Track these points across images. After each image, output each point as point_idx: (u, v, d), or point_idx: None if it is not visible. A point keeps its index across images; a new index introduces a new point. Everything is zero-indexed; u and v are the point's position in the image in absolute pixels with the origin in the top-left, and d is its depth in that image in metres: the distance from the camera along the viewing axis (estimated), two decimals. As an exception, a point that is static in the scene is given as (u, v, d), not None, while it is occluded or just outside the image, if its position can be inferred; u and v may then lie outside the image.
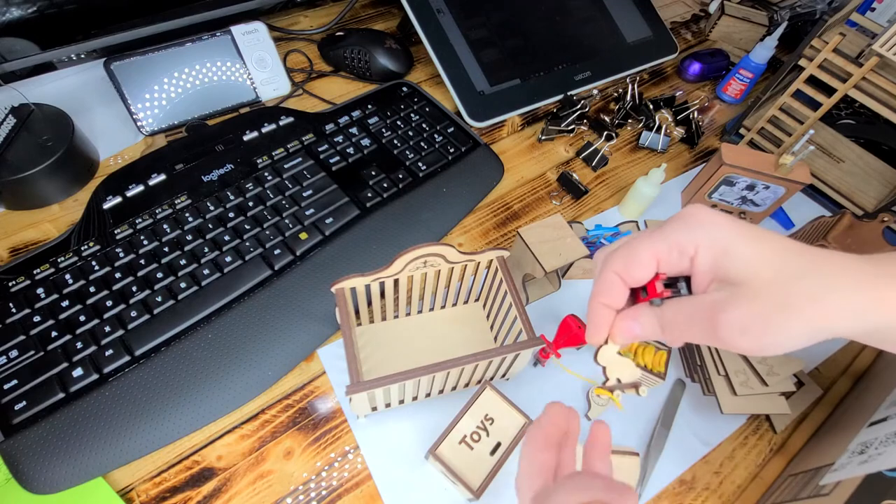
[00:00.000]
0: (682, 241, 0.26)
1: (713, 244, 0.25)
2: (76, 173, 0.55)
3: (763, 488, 0.45)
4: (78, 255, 0.48)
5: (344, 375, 0.45)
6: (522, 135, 0.68)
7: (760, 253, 0.25)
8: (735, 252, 0.25)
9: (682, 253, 0.26)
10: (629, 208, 0.59)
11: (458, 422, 0.40)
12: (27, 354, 0.42)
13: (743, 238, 0.25)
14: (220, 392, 0.43)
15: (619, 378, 0.29)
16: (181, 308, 0.46)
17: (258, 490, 0.41)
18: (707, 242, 0.26)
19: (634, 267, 0.27)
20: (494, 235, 0.58)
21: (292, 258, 0.50)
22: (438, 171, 0.59)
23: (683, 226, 0.26)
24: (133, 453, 0.40)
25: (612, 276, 0.28)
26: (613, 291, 0.28)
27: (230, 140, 0.58)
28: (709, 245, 0.25)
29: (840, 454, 0.39)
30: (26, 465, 0.38)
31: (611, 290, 0.28)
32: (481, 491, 0.38)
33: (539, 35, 0.72)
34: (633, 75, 0.77)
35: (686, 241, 0.26)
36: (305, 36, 0.74)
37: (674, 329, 0.27)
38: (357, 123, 0.62)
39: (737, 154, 0.55)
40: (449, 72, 0.65)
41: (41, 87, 0.61)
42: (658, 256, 0.27)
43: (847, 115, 0.76)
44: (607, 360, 0.29)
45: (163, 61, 0.58)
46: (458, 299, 0.50)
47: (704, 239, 0.26)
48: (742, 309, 0.24)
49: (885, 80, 0.53)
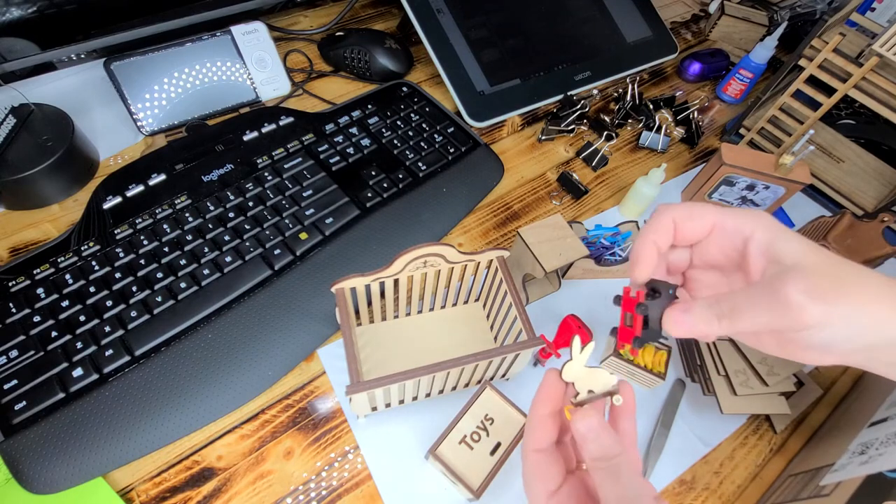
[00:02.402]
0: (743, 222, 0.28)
1: (769, 229, 0.28)
2: (76, 173, 0.55)
3: (763, 488, 0.45)
4: (78, 255, 0.48)
5: (344, 375, 0.45)
6: (522, 135, 0.68)
7: (809, 246, 0.27)
8: (787, 240, 0.27)
9: (739, 231, 0.28)
10: (629, 208, 0.59)
11: (458, 422, 0.40)
12: (27, 354, 0.42)
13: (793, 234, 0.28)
14: (220, 392, 0.43)
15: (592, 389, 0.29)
16: (181, 308, 0.46)
17: (258, 490, 0.41)
18: (764, 227, 0.28)
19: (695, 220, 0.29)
20: (494, 235, 0.58)
21: (292, 258, 0.50)
22: (438, 171, 0.59)
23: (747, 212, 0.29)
24: (133, 453, 0.40)
25: (669, 222, 0.29)
26: (665, 234, 0.30)
27: (230, 140, 0.58)
28: (766, 229, 0.28)
29: (840, 455, 0.39)
30: (26, 465, 0.38)
31: (664, 231, 0.30)
32: (481, 491, 0.38)
33: (539, 35, 0.72)
34: (633, 75, 0.77)
35: (746, 222, 0.28)
36: (305, 36, 0.74)
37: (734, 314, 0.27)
38: (357, 123, 0.62)
39: (737, 154, 0.55)
40: (449, 72, 0.65)
41: (41, 87, 0.61)
42: (717, 223, 0.29)
43: (847, 115, 0.76)
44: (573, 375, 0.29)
45: (163, 61, 0.58)
46: (458, 299, 0.50)
47: (762, 225, 0.28)
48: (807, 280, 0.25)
49: (885, 80, 0.53)
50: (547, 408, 0.30)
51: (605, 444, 0.27)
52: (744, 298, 0.27)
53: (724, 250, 0.30)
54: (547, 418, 0.30)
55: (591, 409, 0.29)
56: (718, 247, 0.30)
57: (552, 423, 0.30)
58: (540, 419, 0.30)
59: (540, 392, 0.30)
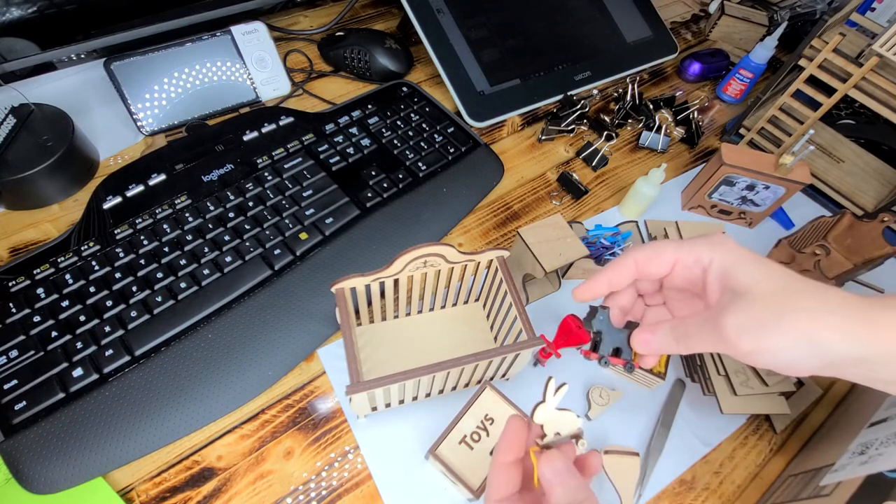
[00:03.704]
0: (701, 253, 0.30)
1: (726, 257, 0.29)
2: (76, 173, 0.55)
3: (763, 488, 0.45)
4: (78, 255, 0.48)
5: (344, 375, 0.45)
6: (522, 135, 0.68)
7: (767, 271, 0.28)
8: (744, 267, 0.29)
9: (699, 262, 0.30)
10: (629, 208, 0.59)
11: (458, 422, 0.40)
12: (27, 354, 0.42)
13: (753, 260, 0.29)
14: (220, 392, 0.43)
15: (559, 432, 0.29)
16: (181, 308, 0.46)
17: (258, 490, 0.41)
18: (722, 255, 0.30)
19: (656, 261, 0.31)
20: (494, 235, 0.58)
21: (292, 258, 0.50)
22: (438, 171, 0.59)
23: (706, 241, 0.30)
24: (133, 453, 0.40)
25: (631, 263, 0.32)
26: (624, 274, 0.32)
27: (230, 140, 0.58)
28: (723, 257, 0.29)
29: (840, 455, 0.39)
30: (26, 465, 0.38)
31: (623, 271, 0.32)
32: (481, 491, 0.38)
33: (539, 35, 0.72)
34: (633, 75, 0.77)
35: (705, 253, 0.30)
36: (305, 36, 0.74)
37: (687, 338, 0.30)
38: (357, 123, 0.62)
39: (737, 154, 0.55)
40: (449, 72, 0.65)
41: (41, 87, 0.61)
42: (678, 260, 0.31)
43: (847, 115, 0.76)
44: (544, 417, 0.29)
45: (163, 61, 0.58)
46: (458, 299, 0.50)
47: (720, 253, 0.30)
48: (743, 312, 0.27)
49: (885, 80, 0.53)
50: (510, 455, 0.30)
51: (570, 489, 0.27)
52: (694, 327, 0.30)
53: (687, 280, 0.32)
54: (511, 466, 0.30)
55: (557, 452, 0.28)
56: (682, 278, 0.32)
57: (515, 471, 0.30)
58: (503, 467, 0.30)
59: (503, 439, 0.30)
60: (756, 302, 0.27)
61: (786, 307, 0.26)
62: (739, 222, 0.62)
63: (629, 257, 0.32)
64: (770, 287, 0.27)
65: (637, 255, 0.32)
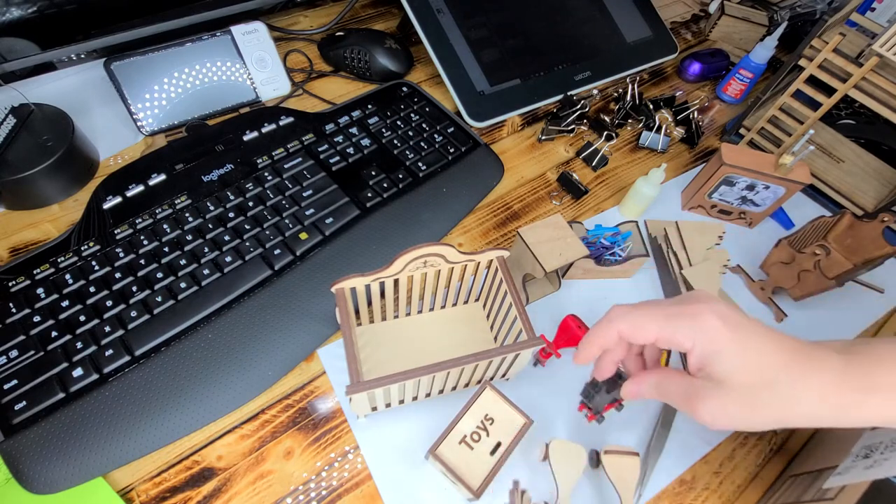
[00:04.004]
0: (684, 337, 0.32)
1: (706, 347, 0.31)
2: (76, 173, 0.55)
3: (763, 488, 0.45)
4: (78, 255, 0.48)
5: (344, 375, 0.45)
6: (522, 135, 0.68)
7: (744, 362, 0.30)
8: (723, 357, 0.31)
9: (680, 346, 0.32)
10: (629, 208, 0.59)
11: (458, 422, 0.40)
12: (27, 354, 0.42)
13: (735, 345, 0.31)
14: (220, 392, 0.43)
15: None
16: (181, 308, 0.46)
17: (258, 490, 0.41)
18: (702, 345, 0.31)
19: (639, 333, 0.33)
20: (494, 235, 0.58)
21: (292, 258, 0.50)
22: (438, 171, 0.59)
23: (689, 325, 0.32)
24: (133, 453, 0.40)
25: (614, 333, 0.34)
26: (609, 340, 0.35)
27: (230, 140, 0.58)
28: (703, 347, 0.31)
29: (842, 456, 0.39)
30: (26, 465, 0.38)
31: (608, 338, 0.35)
32: (481, 491, 0.38)
33: (539, 35, 0.72)
34: (633, 75, 0.77)
35: (687, 338, 0.32)
36: (305, 36, 0.74)
37: (665, 396, 0.34)
38: (357, 123, 0.62)
39: (737, 154, 0.55)
40: (449, 72, 0.65)
41: (41, 87, 0.61)
42: (660, 337, 0.33)
43: (847, 115, 0.76)
44: None
45: (163, 61, 0.58)
46: (458, 299, 0.50)
47: (701, 342, 0.31)
48: (717, 401, 0.30)
49: (885, 80, 0.53)
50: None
51: None
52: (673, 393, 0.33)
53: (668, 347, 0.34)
54: None
55: None
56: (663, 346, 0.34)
57: None
58: None
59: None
60: (731, 393, 0.30)
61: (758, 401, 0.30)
62: (739, 222, 0.62)
63: (612, 328, 0.34)
64: (745, 380, 0.30)
65: (620, 327, 0.34)
